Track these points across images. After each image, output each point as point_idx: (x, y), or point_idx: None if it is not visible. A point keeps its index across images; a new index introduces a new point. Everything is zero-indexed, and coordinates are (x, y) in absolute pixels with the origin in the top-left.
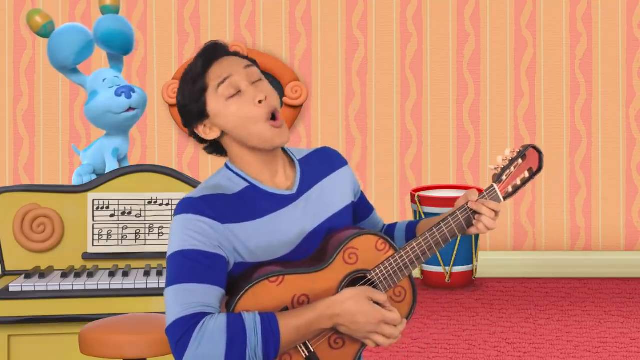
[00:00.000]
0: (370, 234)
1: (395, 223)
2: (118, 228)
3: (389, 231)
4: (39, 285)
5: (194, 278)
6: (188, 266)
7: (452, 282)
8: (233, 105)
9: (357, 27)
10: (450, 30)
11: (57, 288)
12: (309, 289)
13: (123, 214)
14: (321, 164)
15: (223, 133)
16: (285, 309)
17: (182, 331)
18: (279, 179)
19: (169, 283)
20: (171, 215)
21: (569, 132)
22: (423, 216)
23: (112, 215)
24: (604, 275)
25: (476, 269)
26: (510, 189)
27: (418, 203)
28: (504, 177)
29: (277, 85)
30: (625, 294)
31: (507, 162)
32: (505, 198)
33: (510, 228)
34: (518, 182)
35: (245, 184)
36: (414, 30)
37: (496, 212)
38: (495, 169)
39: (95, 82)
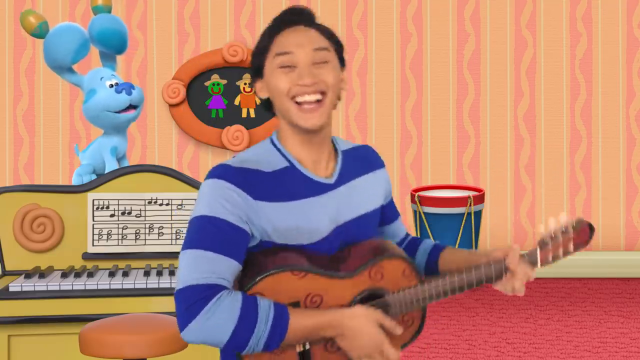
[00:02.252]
0: (402, 258)
1: (420, 239)
2: (118, 228)
3: (412, 246)
4: (39, 285)
5: (216, 247)
6: (212, 233)
7: None
8: (280, 76)
9: (357, 27)
10: (450, 30)
11: (57, 288)
12: (325, 291)
13: (123, 214)
14: (361, 161)
15: (272, 100)
16: (297, 302)
17: (195, 298)
18: (321, 165)
19: (190, 245)
20: (171, 215)
21: (569, 132)
22: (423, 216)
23: (112, 215)
24: (604, 275)
25: None
26: (550, 258)
27: (418, 203)
28: (550, 245)
29: None
30: (625, 294)
31: (559, 232)
32: (544, 265)
33: (510, 228)
34: (560, 253)
35: (286, 164)
36: (414, 30)
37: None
38: (546, 235)
39: (93, 80)
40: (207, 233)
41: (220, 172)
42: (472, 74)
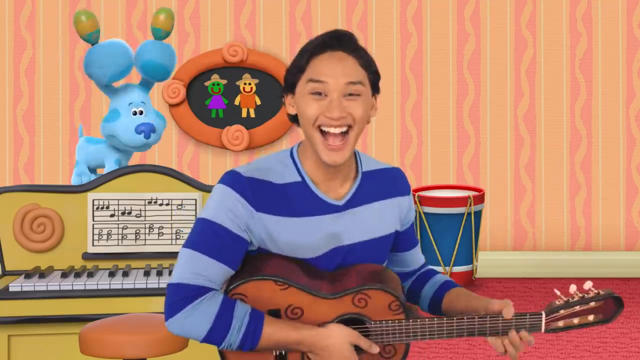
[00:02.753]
0: (389, 292)
1: (434, 272)
2: (118, 228)
3: (423, 278)
4: (39, 285)
5: (212, 252)
6: (210, 238)
7: None
8: (310, 102)
9: (357, 27)
10: (450, 30)
11: (57, 288)
12: (306, 306)
13: (123, 214)
14: (384, 184)
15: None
16: (278, 310)
17: (180, 296)
18: (334, 184)
19: (189, 245)
20: (171, 215)
21: (569, 132)
22: (423, 216)
23: (112, 215)
24: (604, 275)
25: (476, 269)
26: (561, 324)
27: (418, 203)
28: (560, 312)
29: (277, 86)
30: (625, 294)
31: (576, 300)
32: (549, 331)
33: (510, 228)
34: (575, 322)
35: (298, 179)
36: (414, 30)
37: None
38: (560, 300)
39: (121, 102)
40: (207, 237)
41: (231, 180)
42: (472, 74)
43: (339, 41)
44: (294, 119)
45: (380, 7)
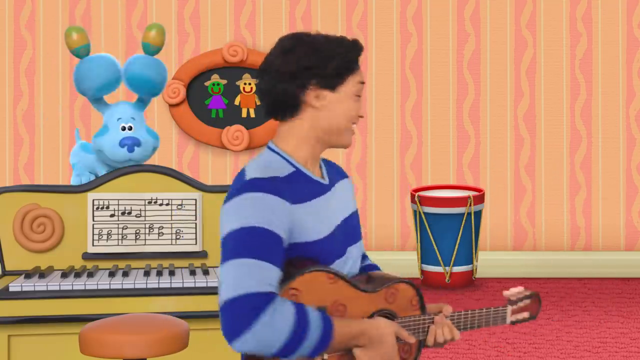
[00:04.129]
0: (413, 287)
1: (371, 263)
2: (118, 228)
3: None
4: (39, 285)
5: (264, 256)
6: (260, 243)
7: (452, 282)
8: (354, 102)
9: (357, 27)
10: (450, 30)
11: (57, 288)
12: (349, 301)
13: (123, 214)
14: (333, 168)
15: (317, 111)
16: (324, 307)
17: (248, 307)
18: (316, 169)
19: (239, 255)
20: (171, 215)
21: (569, 132)
22: (423, 216)
23: (112, 215)
24: (604, 275)
25: (476, 269)
26: (520, 317)
27: (418, 203)
28: (520, 304)
29: None
30: (625, 294)
31: (523, 296)
32: (512, 322)
33: (510, 228)
34: (524, 316)
35: (292, 169)
36: (414, 30)
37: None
38: (513, 297)
39: (111, 117)
40: (257, 243)
41: (256, 186)
42: (472, 74)
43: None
44: (290, 110)
45: (380, 7)
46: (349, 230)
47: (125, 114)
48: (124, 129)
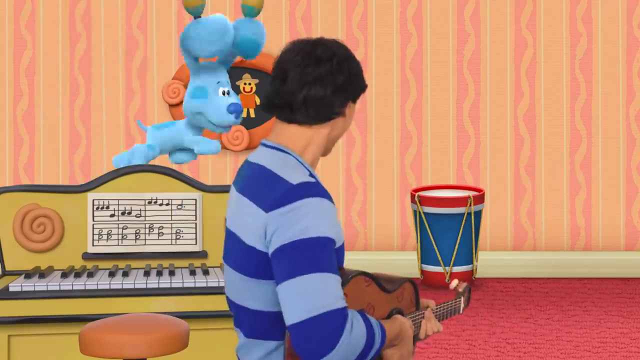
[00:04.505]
0: (413, 285)
1: None
2: (118, 228)
3: None
4: (39, 285)
5: (334, 269)
6: (330, 255)
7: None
8: (351, 115)
9: (357, 27)
10: (450, 30)
11: (57, 288)
12: (376, 302)
13: (123, 214)
14: None
15: (340, 121)
16: (361, 310)
17: (335, 324)
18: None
19: (315, 268)
20: (171, 215)
21: (569, 132)
22: (423, 216)
23: (112, 215)
24: (604, 275)
25: (476, 269)
26: (464, 305)
27: (418, 203)
28: (466, 295)
29: None
30: (625, 294)
31: (464, 287)
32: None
33: (510, 228)
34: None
35: (309, 174)
36: (414, 30)
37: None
38: (459, 288)
39: (209, 80)
40: (330, 256)
41: (320, 191)
42: (472, 74)
43: None
44: (325, 115)
45: (380, 7)
46: None
47: (224, 78)
48: (223, 93)
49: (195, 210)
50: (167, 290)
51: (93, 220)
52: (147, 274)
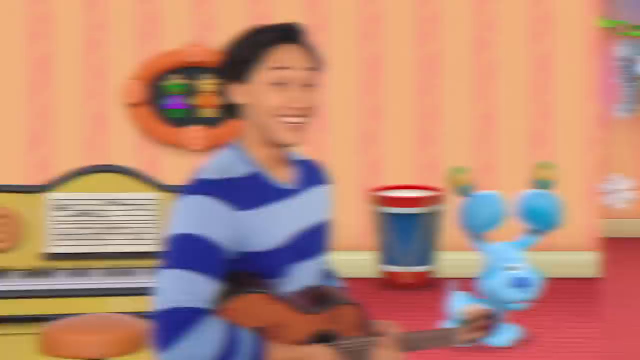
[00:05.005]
0: (358, 307)
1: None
2: (78, 228)
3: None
4: None
5: (202, 268)
6: (200, 253)
7: (413, 282)
8: (271, 93)
9: (317, 26)
10: (410, 30)
11: (16, 288)
12: (287, 324)
13: (83, 214)
14: (312, 172)
15: (248, 107)
16: (262, 328)
17: (181, 320)
18: (281, 172)
19: (175, 264)
20: (131, 215)
21: (528, 130)
22: (382, 216)
23: (71, 216)
24: (568, 275)
25: (436, 270)
26: (471, 337)
27: (377, 203)
28: (474, 324)
29: None
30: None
31: (477, 315)
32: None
33: None
34: (476, 336)
35: (250, 169)
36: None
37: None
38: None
39: (495, 258)
40: (194, 253)
41: (206, 188)
42: (432, 73)
43: (296, 34)
44: (231, 111)
45: (339, 7)
46: (308, 242)
47: (510, 254)
48: (506, 269)
49: (156, 210)
50: (127, 290)
51: (52, 220)
52: (107, 274)
